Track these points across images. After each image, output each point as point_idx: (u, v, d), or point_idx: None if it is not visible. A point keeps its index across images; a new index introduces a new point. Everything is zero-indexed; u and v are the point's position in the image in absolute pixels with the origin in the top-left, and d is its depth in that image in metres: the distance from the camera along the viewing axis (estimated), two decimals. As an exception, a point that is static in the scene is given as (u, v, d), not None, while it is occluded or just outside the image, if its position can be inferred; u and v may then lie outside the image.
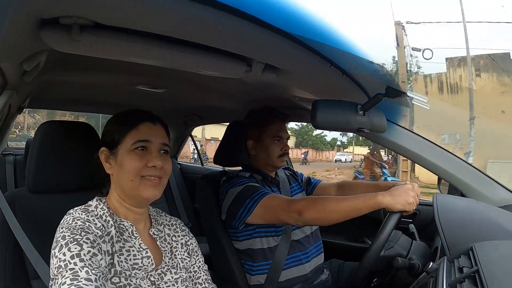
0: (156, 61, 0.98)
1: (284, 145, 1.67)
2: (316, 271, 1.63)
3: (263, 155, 1.67)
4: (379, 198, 1.27)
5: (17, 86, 1.19)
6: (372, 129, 1.20)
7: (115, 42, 0.80)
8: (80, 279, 0.76)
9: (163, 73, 1.45)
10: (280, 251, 1.54)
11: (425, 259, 1.33)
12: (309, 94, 1.35)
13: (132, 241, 0.96)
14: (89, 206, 0.96)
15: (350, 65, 1.06)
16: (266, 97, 1.75)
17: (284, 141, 1.68)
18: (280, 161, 1.67)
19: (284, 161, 1.70)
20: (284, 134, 1.68)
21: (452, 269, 1.01)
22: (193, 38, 0.82)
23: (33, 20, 0.69)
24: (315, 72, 1.09)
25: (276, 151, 1.65)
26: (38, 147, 1.12)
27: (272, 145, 1.65)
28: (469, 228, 1.17)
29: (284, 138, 1.68)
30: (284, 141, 1.68)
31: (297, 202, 1.38)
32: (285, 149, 1.67)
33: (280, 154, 1.66)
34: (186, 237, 1.12)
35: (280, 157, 1.66)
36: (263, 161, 1.68)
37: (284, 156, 1.68)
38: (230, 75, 1.09)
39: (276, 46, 0.87)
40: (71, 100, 2.44)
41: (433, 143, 1.47)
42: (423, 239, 1.50)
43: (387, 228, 1.27)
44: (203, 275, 1.10)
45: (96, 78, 1.64)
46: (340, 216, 1.30)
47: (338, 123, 1.14)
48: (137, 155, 0.96)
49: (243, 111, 1.79)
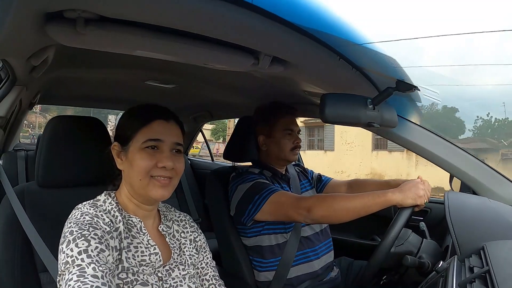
0: (163, 54, 0.97)
1: (295, 138, 1.66)
2: (325, 269, 1.61)
3: (275, 150, 1.66)
4: (388, 195, 1.25)
5: (27, 82, 1.20)
6: (382, 124, 1.18)
7: (120, 36, 0.80)
8: (87, 275, 0.76)
9: (172, 68, 1.45)
10: (289, 248, 1.53)
11: (435, 258, 1.31)
12: (318, 88, 1.33)
13: (140, 237, 0.96)
14: (97, 201, 0.96)
15: (359, 58, 1.04)
16: (275, 92, 1.74)
17: (295, 134, 1.67)
18: (293, 154, 1.66)
19: (297, 155, 1.70)
20: (294, 127, 1.67)
21: (463, 269, 0.99)
22: (199, 30, 0.81)
23: (38, 14, 0.69)
24: (323, 65, 1.07)
25: (288, 145, 1.64)
26: (47, 142, 1.12)
27: (284, 139, 1.64)
28: (480, 227, 1.15)
29: (295, 131, 1.68)
30: (295, 134, 1.67)
31: (306, 199, 1.37)
32: (297, 142, 1.66)
33: (293, 147, 1.65)
34: (195, 233, 1.11)
35: (292, 150, 1.66)
36: (275, 156, 1.67)
37: (297, 149, 1.67)
38: (237, 68, 1.07)
39: (284, 38, 0.86)
40: (81, 96, 2.46)
41: (445, 139, 1.44)
42: (434, 238, 1.48)
43: (398, 223, 1.25)
44: (210, 272, 1.09)
45: (105, 74, 1.65)
46: (349, 214, 1.28)
47: (347, 117, 1.12)
48: (147, 154, 0.94)
49: (253, 106, 1.78)
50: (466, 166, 1.41)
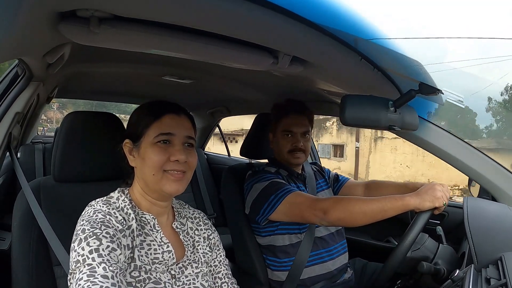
0: (179, 53, 0.96)
1: (295, 141, 1.59)
2: (340, 270, 1.60)
3: (276, 150, 1.64)
4: (406, 199, 1.23)
5: (43, 78, 1.21)
6: (403, 127, 1.15)
7: (135, 35, 0.79)
8: (97, 275, 0.76)
9: (190, 64, 1.44)
10: (303, 249, 1.51)
11: (451, 265, 1.28)
12: (338, 88, 1.31)
13: (153, 235, 0.96)
14: (110, 198, 0.96)
15: (381, 59, 1.01)
16: (293, 89, 1.71)
17: (296, 136, 1.59)
18: (292, 157, 1.59)
19: (298, 158, 1.60)
20: (296, 129, 1.60)
21: (479, 279, 0.96)
22: (217, 29, 0.80)
23: (50, 13, 0.69)
24: (344, 65, 1.04)
25: (285, 146, 1.60)
26: (63, 137, 1.13)
27: (282, 140, 1.60)
28: (499, 235, 1.11)
29: (297, 132, 1.60)
30: (296, 136, 1.59)
31: (323, 201, 1.35)
32: (295, 145, 1.59)
33: (290, 150, 1.59)
34: (209, 231, 1.10)
35: (290, 153, 1.59)
36: (279, 156, 1.65)
37: (296, 152, 1.59)
38: (255, 67, 1.06)
39: (304, 37, 0.84)
40: (99, 90, 2.49)
41: (466, 142, 1.39)
42: (450, 243, 1.44)
43: (416, 228, 1.23)
44: (223, 270, 1.09)
45: (122, 69, 1.65)
46: (366, 218, 1.26)
47: (368, 120, 1.09)
48: (159, 149, 0.93)
49: (271, 103, 1.76)
50: (486, 171, 1.37)
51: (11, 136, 1.18)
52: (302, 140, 1.61)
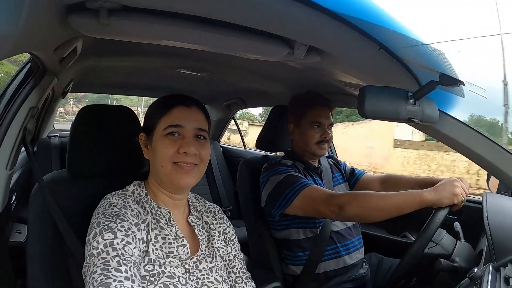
0: (191, 44, 0.95)
1: (323, 132, 1.59)
2: (355, 265, 1.58)
3: (301, 142, 1.62)
4: (424, 195, 1.21)
5: (57, 72, 1.21)
6: (423, 119, 1.11)
7: (146, 25, 0.78)
8: (111, 269, 0.76)
9: (205, 56, 1.43)
10: (319, 243, 1.50)
11: (469, 263, 1.25)
12: (356, 79, 1.28)
13: (168, 228, 0.95)
14: (126, 191, 0.96)
15: (401, 49, 0.98)
16: (310, 81, 1.69)
17: (324, 127, 1.60)
18: (319, 148, 1.60)
19: (324, 149, 1.62)
20: (324, 120, 1.60)
21: (498, 278, 0.94)
22: (230, 18, 0.78)
23: (58, 6, 0.68)
24: (362, 56, 1.01)
25: (314, 137, 1.59)
26: (78, 131, 1.13)
27: (311, 131, 1.59)
28: None
29: (325, 124, 1.60)
30: (324, 127, 1.60)
31: (339, 196, 1.33)
32: (324, 136, 1.59)
33: (319, 141, 1.59)
34: (224, 225, 1.10)
35: (318, 144, 1.59)
36: (302, 148, 1.63)
37: (324, 143, 1.60)
38: (271, 58, 1.04)
39: (320, 26, 0.81)
40: (114, 84, 2.50)
41: (486, 136, 1.34)
42: (467, 239, 1.41)
43: (433, 225, 1.21)
44: (238, 264, 1.08)
45: (136, 62, 1.66)
46: (382, 214, 1.25)
47: (386, 112, 1.06)
48: (169, 141, 0.93)
49: (287, 95, 1.75)
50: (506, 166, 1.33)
51: (26, 131, 1.19)
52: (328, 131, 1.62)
